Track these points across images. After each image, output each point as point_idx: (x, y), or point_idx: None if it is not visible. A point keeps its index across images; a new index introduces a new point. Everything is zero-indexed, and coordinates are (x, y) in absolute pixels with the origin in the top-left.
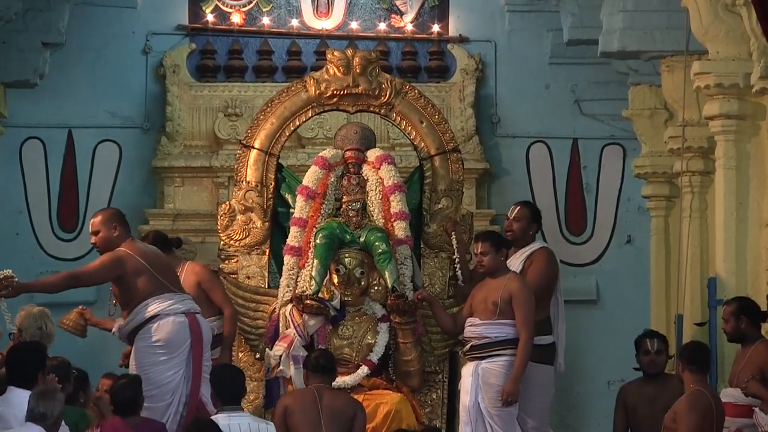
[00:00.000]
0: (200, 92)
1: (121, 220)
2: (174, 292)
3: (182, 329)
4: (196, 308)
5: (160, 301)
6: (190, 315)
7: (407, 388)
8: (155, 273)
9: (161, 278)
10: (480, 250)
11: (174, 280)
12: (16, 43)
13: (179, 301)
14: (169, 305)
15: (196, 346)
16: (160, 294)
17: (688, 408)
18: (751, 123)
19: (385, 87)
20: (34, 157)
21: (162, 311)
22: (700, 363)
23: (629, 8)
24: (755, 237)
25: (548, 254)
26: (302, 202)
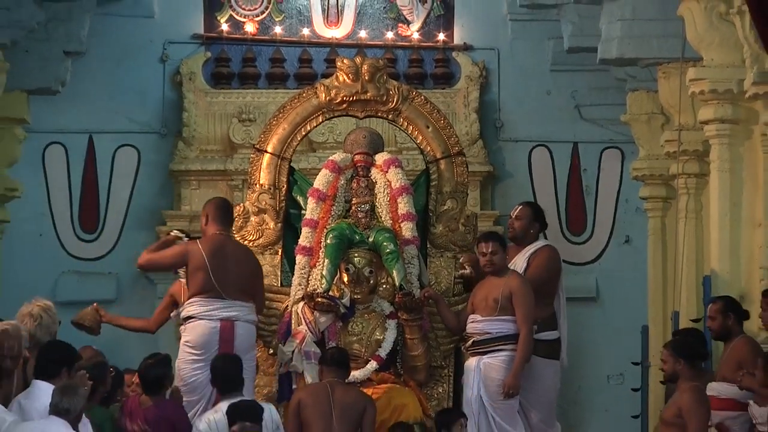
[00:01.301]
0: (215, 99)
1: (214, 210)
2: (222, 298)
3: (211, 335)
4: (239, 317)
5: (202, 303)
6: (226, 322)
7: (414, 382)
8: (212, 274)
9: (215, 281)
10: (490, 250)
11: (233, 286)
12: (39, 52)
13: (222, 307)
14: (207, 310)
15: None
16: (207, 296)
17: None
18: (744, 127)
19: (392, 93)
20: (56, 161)
21: (198, 314)
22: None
23: (627, 17)
24: (748, 237)
25: (551, 250)
26: (313, 203)
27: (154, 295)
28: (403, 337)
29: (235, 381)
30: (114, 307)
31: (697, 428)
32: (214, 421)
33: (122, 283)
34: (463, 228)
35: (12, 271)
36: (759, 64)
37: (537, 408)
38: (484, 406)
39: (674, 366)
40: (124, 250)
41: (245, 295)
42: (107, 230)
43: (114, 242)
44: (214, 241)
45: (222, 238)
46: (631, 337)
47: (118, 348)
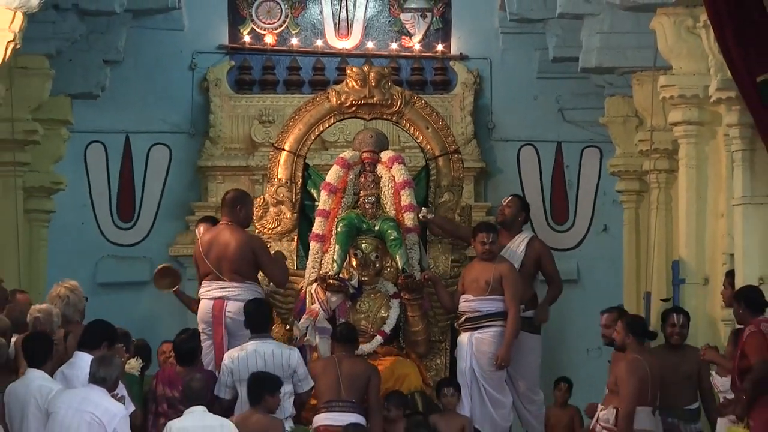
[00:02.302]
0: (238, 102)
1: (222, 203)
2: (220, 280)
3: (205, 312)
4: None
5: (204, 284)
6: (218, 301)
7: (415, 354)
8: (206, 260)
9: (211, 265)
10: (490, 240)
11: (227, 268)
12: (81, 61)
13: (216, 288)
14: (205, 290)
15: (216, 330)
16: (208, 279)
17: (627, 374)
18: (709, 128)
19: (396, 98)
20: (96, 158)
21: (201, 294)
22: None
23: (605, 30)
24: (713, 226)
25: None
26: (325, 196)
27: (183, 277)
28: (405, 315)
29: (263, 324)
30: (148, 288)
31: (626, 394)
32: (237, 357)
33: (155, 266)
34: (459, 218)
35: (57, 256)
36: (722, 72)
37: (524, 378)
38: (476, 376)
39: (624, 338)
40: (157, 237)
41: (240, 276)
42: (142, 219)
43: (148, 230)
44: (212, 231)
45: (219, 228)
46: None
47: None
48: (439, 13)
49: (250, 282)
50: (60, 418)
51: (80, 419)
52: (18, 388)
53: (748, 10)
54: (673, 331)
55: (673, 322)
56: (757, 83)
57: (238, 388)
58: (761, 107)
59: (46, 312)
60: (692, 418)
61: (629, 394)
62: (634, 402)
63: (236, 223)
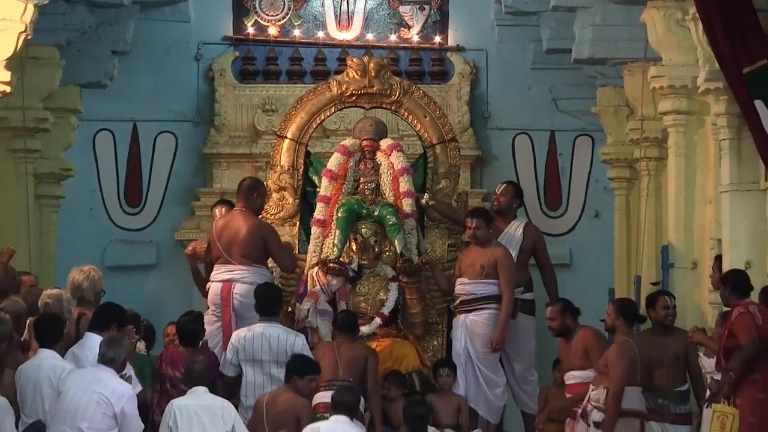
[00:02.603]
0: (242, 92)
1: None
2: (229, 263)
3: (214, 295)
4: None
5: (216, 269)
6: (227, 283)
7: (413, 336)
8: (218, 244)
9: (224, 247)
10: (474, 225)
11: (237, 251)
12: (90, 52)
13: (225, 271)
14: (216, 273)
15: (224, 311)
16: (219, 262)
17: (617, 356)
18: (697, 118)
19: (395, 88)
20: (105, 145)
21: (212, 278)
22: (629, 316)
23: (597, 23)
24: (701, 212)
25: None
26: (326, 182)
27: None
28: (404, 297)
29: (272, 307)
30: (155, 271)
31: (614, 375)
32: (244, 337)
33: (161, 250)
34: (456, 204)
35: (67, 240)
36: (710, 63)
37: (521, 357)
38: (471, 357)
39: (614, 321)
40: (164, 222)
41: (249, 260)
42: (149, 205)
43: (155, 215)
44: (226, 216)
45: (234, 213)
46: (599, 297)
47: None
48: (436, 6)
49: (258, 266)
50: (69, 398)
51: (89, 399)
52: (30, 369)
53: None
54: (668, 313)
55: (666, 304)
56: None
57: (243, 368)
58: (748, 98)
59: (56, 297)
60: (682, 400)
61: (618, 375)
62: (623, 383)
63: (250, 209)
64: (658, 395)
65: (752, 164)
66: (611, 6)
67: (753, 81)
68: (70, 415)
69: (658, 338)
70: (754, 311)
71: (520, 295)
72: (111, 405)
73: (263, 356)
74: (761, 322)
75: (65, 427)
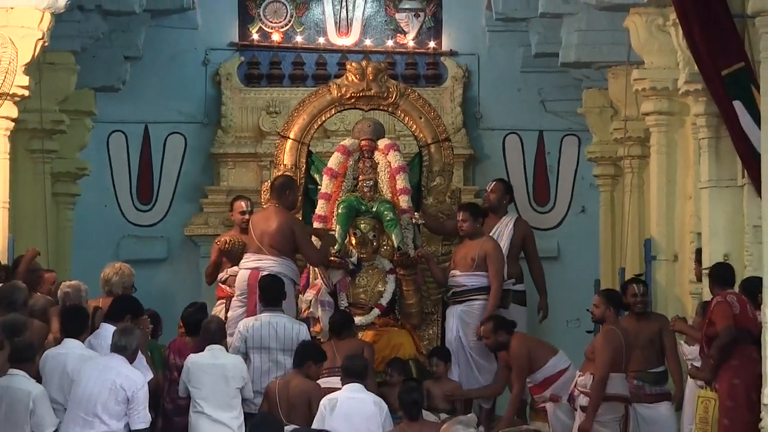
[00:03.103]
0: (248, 95)
1: (271, 187)
2: (261, 253)
3: (242, 281)
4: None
5: (247, 257)
6: (254, 271)
7: (409, 325)
8: (254, 235)
9: (256, 240)
10: (461, 218)
11: (268, 242)
12: (104, 57)
13: (254, 259)
14: (245, 261)
15: (250, 297)
16: (251, 251)
17: (603, 344)
18: (678, 118)
19: (392, 90)
20: (118, 146)
21: (241, 265)
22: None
23: (583, 28)
24: (681, 207)
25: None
26: (327, 180)
27: (197, 254)
28: (400, 289)
29: (276, 298)
30: (165, 265)
31: (601, 361)
32: (252, 326)
33: (172, 244)
34: (449, 200)
35: (82, 235)
36: (690, 66)
37: None
38: (463, 345)
39: (604, 311)
40: (174, 218)
41: (278, 251)
42: (160, 202)
43: (165, 211)
44: (262, 211)
45: (269, 208)
46: (585, 288)
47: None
48: (431, 13)
49: (286, 258)
50: (83, 386)
51: (102, 386)
52: (57, 357)
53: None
54: (636, 300)
55: (634, 292)
56: (723, 77)
57: (250, 355)
58: (726, 99)
59: (75, 287)
60: (658, 381)
61: (604, 362)
62: (608, 369)
63: (283, 205)
64: (635, 377)
65: (730, 162)
66: (596, 12)
67: (731, 83)
68: (85, 402)
69: (632, 323)
70: (732, 300)
71: (512, 287)
72: (124, 391)
73: (271, 344)
74: (738, 311)
75: (80, 413)
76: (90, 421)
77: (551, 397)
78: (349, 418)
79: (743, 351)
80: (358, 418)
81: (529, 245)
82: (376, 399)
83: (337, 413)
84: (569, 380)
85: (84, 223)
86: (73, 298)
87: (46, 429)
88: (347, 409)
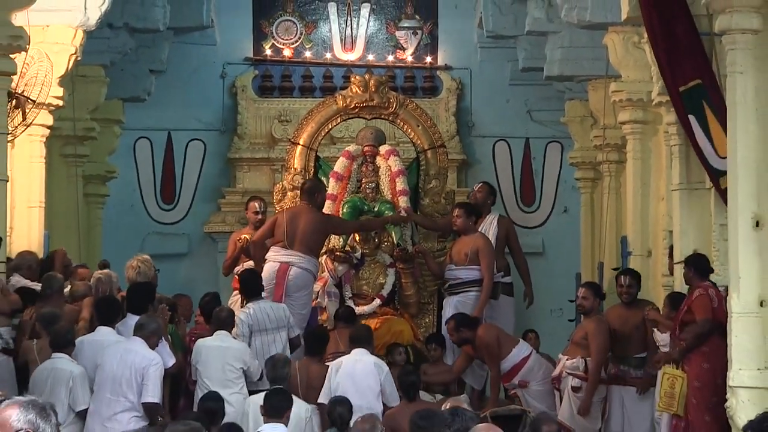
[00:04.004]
0: (261, 105)
1: (304, 191)
2: (290, 248)
3: (271, 272)
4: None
5: (275, 249)
6: (284, 265)
7: (408, 314)
8: (286, 230)
9: (288, 235)
10: (456, 214)
11: (300, 240)
12: (131, 70)
13: (285, 254)
14: (274, 254)
15: (277, 288)
16: (279, 246)
17: (598, 331)
18: (651, 127)
19: (392, 101)
20: (143, 151)
21: (270, 258)
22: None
23: (565, 45)
24: (655, 207)
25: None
26: (333, 182)
27: (215, 249)
28: (400, 281)
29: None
30: (186, 259)
31: (597, 346)
32: (250, 314)
33: (192, 240)
34: (444, 201)
35: (111, 232)
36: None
37: None
38: None
39: (593, 303)
40: (194, 217)
41: (307, 249)
42: (181, 202)
43: (186, 211)
44: (293, 209)
45: (299, 207)
46: (567, 281)
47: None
48: (427, 31)
49: (312, 256)
50: (107, 368)
51: (123, 366)
52: (92, 343)
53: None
54: (622, 290)
55: (621, 283)
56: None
57: (253, 339)
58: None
59: (107, 275)
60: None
61: (601, 347)
62: (605, 354)
63: (314, 206)
64: (620, 362)
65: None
66: (577, 31)
67: (687, 98)
68: (109, 383)
69: (621, 311)
70: (712, 294)
71: (501, 279)
72: (141, 369)
73: (268, 325)
74: (716, 304)
75: (107, 393)
76: (115, 400)
77: (520, 383)
78: (352, 376)
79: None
80: (360, 375)
81: (512, 240)
82: (377, 361)
83: (342, 371)
84: (533, 366)
85: (112, 221)
86: (104, 284)
87: (80, 406)
88: (351, 368)
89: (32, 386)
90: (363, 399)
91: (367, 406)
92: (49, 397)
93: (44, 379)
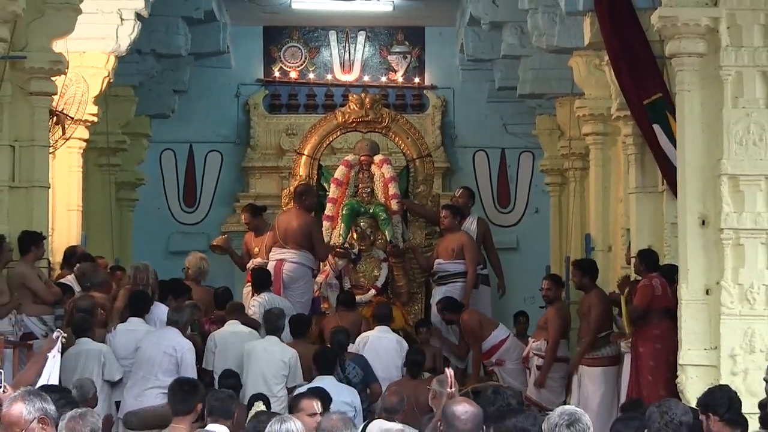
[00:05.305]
0: (271, 121)
1: (295, 194)
2: (284, 247)
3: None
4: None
5: (274, 250)
6: (279, 262)
7: (399, 302)
8: (277, 232)
9: (279, 237)
10: (443, 215)
11: (290, 238)
12: (157, 90)
13: (280, 252)
14: (273, 254)
15: (275, 282)
16: (276, 246)
17: (556, 317)
18: (611, 138)
19: (385, 117)
20: (168, 161)
21: (270, 257)
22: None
23: (536, 67)
24: (614, 208)
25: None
26: (334, 187)
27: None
28: (392, 274)
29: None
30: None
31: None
32: (262, 303)
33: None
34: (431, 204)
35: (140, 231)
36: (620, 97)
37: None
38: None
39: (556, 292)
40: (213, 218)
41: (298, 245)
42: (201, 205)
43: (206, 213)
44: (285, 212)
45: (290, 210)
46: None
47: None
48: (416, 55)
49: (305, 251)
50: (144, 352)
51: (158, 351)
52: (125, 333)
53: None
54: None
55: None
56: (644, 105)
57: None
58: (647, 123)
59: (144, 265)
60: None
61: (556, 331)
62: (559, 337)
63: (303, 208)
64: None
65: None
66: (546, 54)
67: (651, 110)
68: (145, 364)
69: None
70: (656, 284)
71: (480, 271)
72: (175, 355)
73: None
74: (660, 292)
75: (142, 372)
76: (148, 378)
77: (497, 362)
78: (376, 351)
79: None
80: (383, 351)
81: (488, 239)
82: (398, 338)
83: (368, 347)
84: (510, 347)
85: (141, 222)
86: (142, 272)
87: (116, 375)
88: (376, 344)
89: (63, 368)
90: (386, 372)
91: (388, 377)
92: (82, 374)
93: (74, 360)
